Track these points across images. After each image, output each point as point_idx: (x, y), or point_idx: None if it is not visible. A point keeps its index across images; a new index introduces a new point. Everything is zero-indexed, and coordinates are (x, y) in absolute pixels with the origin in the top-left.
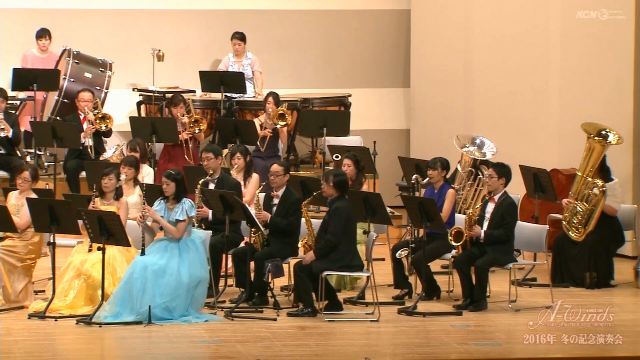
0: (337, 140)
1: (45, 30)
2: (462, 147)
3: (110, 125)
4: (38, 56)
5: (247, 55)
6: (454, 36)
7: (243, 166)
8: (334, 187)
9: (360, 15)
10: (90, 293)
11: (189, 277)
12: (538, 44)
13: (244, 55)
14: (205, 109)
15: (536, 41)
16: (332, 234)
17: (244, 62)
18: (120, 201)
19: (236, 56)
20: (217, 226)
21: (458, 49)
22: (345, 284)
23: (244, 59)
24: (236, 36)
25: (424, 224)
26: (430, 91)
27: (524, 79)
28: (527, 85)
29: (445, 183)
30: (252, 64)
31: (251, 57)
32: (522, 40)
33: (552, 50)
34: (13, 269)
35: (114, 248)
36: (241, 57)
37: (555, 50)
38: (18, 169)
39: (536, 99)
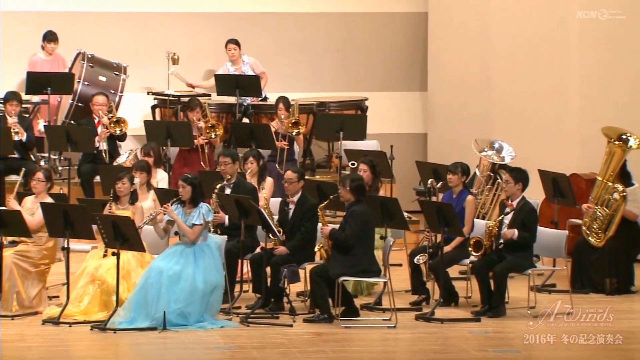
0: (354, 144)
1: (52, 33)
2: (480, 151)
3: (124, 129)
4: (45, 59)
5: (244, 60)
6: (472, 38)
7: (256, 171)
8: (351, 192)
9: (377, 18)
10: (104, 299)
11: (205, 283)
12: (557, 46)
13: (240, 61)
14: (220, 112)
15: (555, 43)
16: (348, 235)
17: (243, 67)
18: (136, 206)
19: (233, 63)
20: (232, 231)
21: (476, 52)
22: (362, 290)
23: (242, 65)
24: (231, 41)
25: (441, 229)
26: (447, 94)
27: (543, 81)
28: (546, 88)
29: (465, 189)
30: (252, 67)
31: (248, 60)
32: (540, 41)
33: (571, 52)
34: (27, 274)
35: (129, 253)
36: (238, 63)
37: (574, 52)
38: (31, 172)
39: (555, 102)
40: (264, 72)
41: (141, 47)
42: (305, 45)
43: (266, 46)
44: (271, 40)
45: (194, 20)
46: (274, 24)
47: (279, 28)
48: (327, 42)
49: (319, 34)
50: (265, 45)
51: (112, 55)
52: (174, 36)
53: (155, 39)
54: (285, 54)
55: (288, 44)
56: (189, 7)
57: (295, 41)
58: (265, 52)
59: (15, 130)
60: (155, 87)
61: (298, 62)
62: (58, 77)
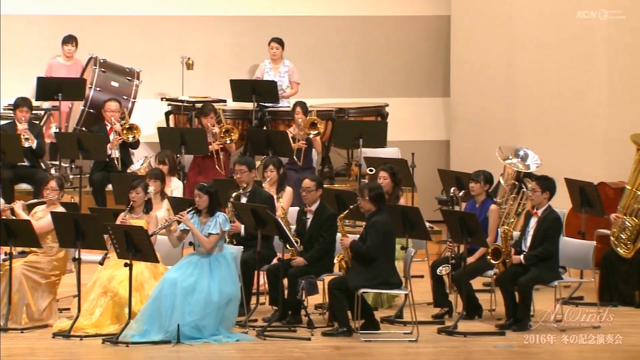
0: (374, 151)
1: (71, 37)
2: (504, 159)
3: (137, 136)
4: (63, 64)
5: (285, 63)
6: (496, 42)
7: (276, 179)
8: (370, 201)
9: (398, 22)
10: (117, 311)
11: (220, 295)
12: (584, 50)
13: (281, 62)
14: (236, 119)
15: (582, 47)
16: (370, 247)
17: (281, 69)
18: (150, 215)
19: (273, 62)
20: (249, 242)
21: (500, 56)
22: (382, 302)
23: (281, 66)
24: (275, 40)
25: (464, 239)
26: (471, 100)
27: (569, 87)
28: (573, 94)
29: (488, 198)
30: (290, 72)
31: (289, 64)
32: (567, 46)
33: (599, 56)
34: (37, 285)
35: (142, 264)
36: (278, 64)
37: (602, 56)
38: (44, 181)
39: (582, 108)
40: (297, 83)
41: (155, 52)
42: (323, 50)
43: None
44: (289, 44)
45: (209, 24)
46: (291, 28)
47: (297, 31)
48: (346, 47)
49: (338, 37)
50: None
51: (125, 60)
52: (189, 40)
53: (170, 43)
54: (303, 58)
55: (306, 48)
56: (204, 10)
57: (314, 45)
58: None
59: (25, 136)
60: (169, 92)
61: (316, 67)
62: (69, 83)
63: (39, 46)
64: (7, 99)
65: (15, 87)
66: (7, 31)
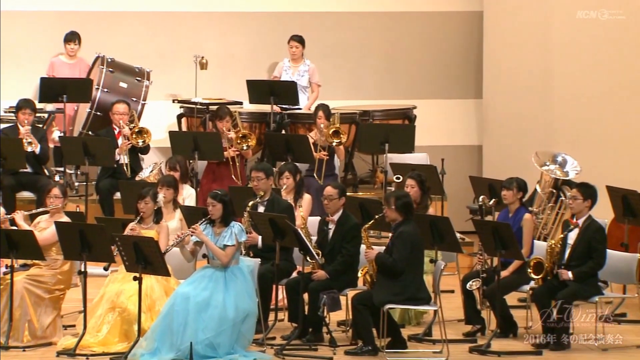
0: (401, 157)
1: (74, 34)
2: (541, 165)
3: (147, 141)
4: (66, 62)
5: (305, 62)
6: (532, 40)
7: (293, 186)
8: (397, 211)
9: (427, 18)
10: (125, 328)
11: (236, 311)
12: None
13: (301, 61)
14: (253, 122)
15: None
16: (397, 260)
17: (301, 67)
18: (161, 225)
19: (292, 61)
20: (266, 254)
21: (536, 54)
22: (410, 319)
23: (301, 65)
24: (294, 38)
25: (498, 251)
26: (505, 102)
27: (611, 87)
28: (615, 96)
29: (522, 206)
30: (310, 73)
31: (309, 64)
32: (608, 43)
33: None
34: (40, 301)
35: (152, 278)
36: (298, 63)
37: None
38: (45, 189)
39: (625, 110)
40: (318, 85)
41: (166, 51)
42: (347, 48)
43: None
44: (309, 42)
45: (224, 21)
46: (312, 25)
47: (318, 29)
48: (371, 45)
49: (362, 35)
50: None
51: (134, 60)
52: (202, 38)
53: (182, 41)
54: (325, 57)
55: (328, 46)
56: (219, 6)
57: (336, 43)
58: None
59: (28, 140)
60: (181, 94)
61: (339, 67)
62: (75, 84)
63: (40, 45)
64: (7, 101)
65: (16, 88)
66: (6, 28)
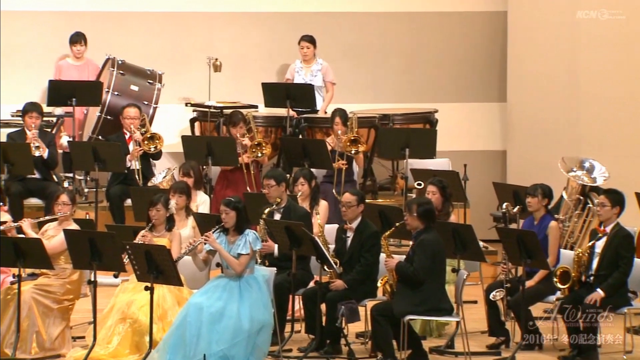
0: (422, 163)
1: (79, 35)
2: (568, 171)
3: (159, 147)
4: (73, 64)
5: (318, 61)
6: (558, 41)
7: (308, 193)
8: (418, 218)
9: (449, 18)
10: (136, 339)
11: (251, 322)
12: None
13: (313, 61)
14: (269, 126)
15: None
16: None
17: (314, 67)
18: (173, 232)
19: (304, 62)
20: (283, 263)
21: (563, 56)
22: (431, 331)
23: (314, 64)
24: (304, 39)
25: (523, 260)
26: (530, 105)
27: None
28: None
29: (548, 214)
30: (324, 72)
31: (322, 63)
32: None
33: None
34: (48, 311)
35: (164, 288)
36: (310, 63)
37: None
38: (54, 196)
39: None
40: (333, 83)
41: (178, 52)
42: (365, 50)
43: (320, 50)
44: (326, 43)
45: (239, 21)
46: (329, 25)
47: (335, 29)
48: (390, 46)
49: (381, 36)
50: (319, 49)
51: (146, 62)
52: (216, 40)
53: (195, 42)
54: (342, 59)
55: (345, 48)
56: (233, 6)
57: (354, 45)
58: (319, 56)
59: (35, 144)
60: (194, 97)
61: (357, 69)
62: (84, 87)
63: (47, 46)
64: (14, 105)
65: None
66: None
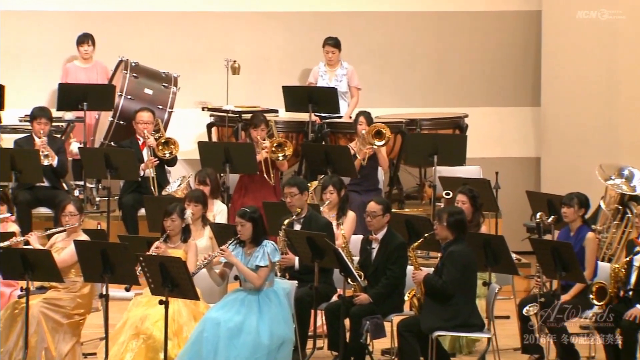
0: (451, 170)
1: (87, 35)
2: (606, 179)
3: (175, 153)
4: (81, 67)
5: (343, 65)
6: (595, 42)
7: (336, 202)
8: (449, 228)
9: (479, 18)
10: (150, 356)
11: (270, 337)
12: None
13: (338, 65)
14: (290, 132)
15: None
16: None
17: (338, 71)
18: (189, 244)
19: (329, 65)
20: (304, 276)
21: (600, 58)
22: (461, 347)
23: (339, 69)
24: (329, 42)
25: (558, 273)
26: (565, 110)
27: None
28: None
29: (584, 225)
30: (349, 76)
31: (347, 67)
32: None
33: None
34: (58, 326)
35: (179, 302)
36: (335, 67)
37: None
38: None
39: None
40: (358, 89)
41: (195, 54)
42: (391, 51)
43: (344, 51)
44: (350, 45)
45: (258, 21)
46: (353, 25)
47: (360, 30)
48: (418, 47)
49: (408, 37)
50: (343, 51)
51: (160, 64)
52: (234, 41)
53: (212, 44)
54: (367, 61)
55: (370, 49)
56: (252, 6)
57: (380, 46)
58: (343, 59)
59: (44, 153)
60: (211, 101)
61: (383, 72)
62: (96, 90)
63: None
64: (21, 109)
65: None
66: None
